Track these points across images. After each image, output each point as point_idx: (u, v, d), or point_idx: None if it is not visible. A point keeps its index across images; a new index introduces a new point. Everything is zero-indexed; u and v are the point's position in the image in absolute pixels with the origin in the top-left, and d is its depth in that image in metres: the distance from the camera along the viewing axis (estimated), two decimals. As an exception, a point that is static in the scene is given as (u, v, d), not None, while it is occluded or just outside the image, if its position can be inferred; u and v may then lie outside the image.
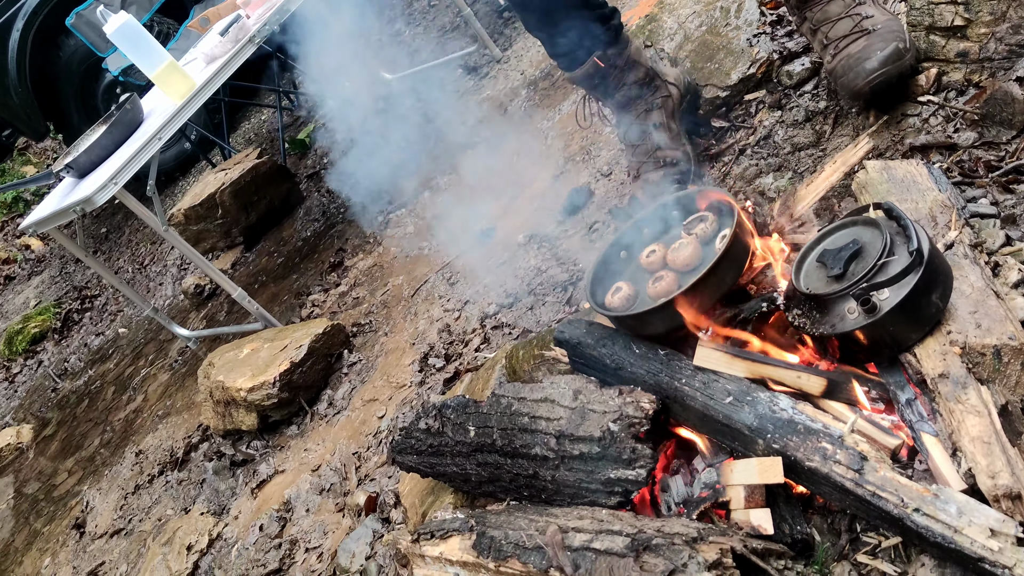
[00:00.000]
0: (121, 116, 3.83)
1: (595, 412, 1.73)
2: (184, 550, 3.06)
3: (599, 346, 1.84)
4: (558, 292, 2.88)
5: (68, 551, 3.80)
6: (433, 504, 2.21)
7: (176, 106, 3.68)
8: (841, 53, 2.30)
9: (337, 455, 2.99)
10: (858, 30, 2.27)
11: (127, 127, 3.84)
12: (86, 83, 6.60)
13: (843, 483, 1.43)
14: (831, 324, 1.62)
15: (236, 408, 3.41)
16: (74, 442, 4.82)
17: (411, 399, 2.94)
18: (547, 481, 1.81)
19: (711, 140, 2.77)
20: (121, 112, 3.84)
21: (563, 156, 3.67)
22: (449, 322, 3.21)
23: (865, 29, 2.26)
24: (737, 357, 1.66)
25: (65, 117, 6.80)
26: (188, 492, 3.50)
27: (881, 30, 2.24)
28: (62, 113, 6.79)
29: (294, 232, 5.10)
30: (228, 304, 4.88)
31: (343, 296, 4.04)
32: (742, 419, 1.58)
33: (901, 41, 2.20)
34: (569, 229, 3.18)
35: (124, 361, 5.33)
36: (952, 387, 1.48)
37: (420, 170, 4.55)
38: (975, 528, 1.32)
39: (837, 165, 2.14)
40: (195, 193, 5.41)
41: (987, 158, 2.01)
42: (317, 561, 2.63)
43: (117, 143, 3.78)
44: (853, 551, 1.53)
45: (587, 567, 1.51)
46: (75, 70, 6.47)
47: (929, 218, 1.81)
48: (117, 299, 6.31)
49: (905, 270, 1.54)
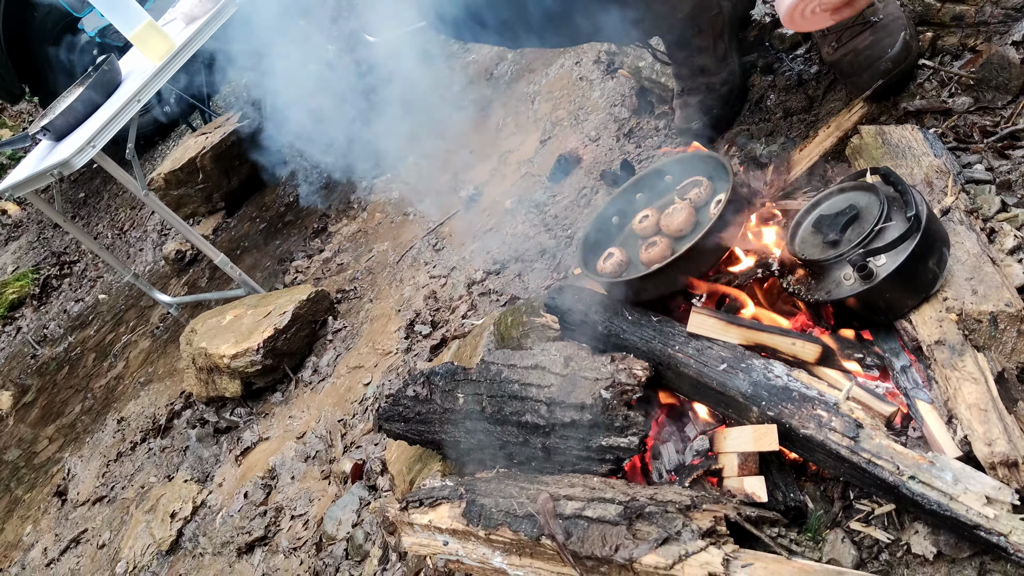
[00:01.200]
0: (99, 77, 3.74)
1: (587, 379, 1.71)
2: (168, 517, 3.04)
3: (591, 312, 1.82)
4: (546, 258, 2.85)
5: (50, 518, 3.76)
6: (421, 472, 2.19)
7: (155, 67, 3.59)
8: (846, 47, 2.20)
9: (322, 422, 2.97)
10: (861, 20, 2.18)
11: (105, 89, 3.75)
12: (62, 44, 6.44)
13: (838, 451, 1.42)
14: (826, 290, 1.60)
15: (219, 375, 3.37)
16: (55, 409, 4.77)
17: (397, 366, 2.91)
18: (537, 448, 1.79)
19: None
20: (99, 73, 3.75)
21: (550, 121, 3.62)
22: (435, 288, 3.17)
23: (868, 20, 2.17)
24: (731, 324, 1.64)
25: (41, 79, 6.65)
26: (171, 459, 3.47)
27: (885, 20, 2.14)
28: (37, 75, 6.63)
29: (276, 197, 5.03)
30: (210, 270, 4.82)
31: (327, 262, 3.99)
32: (736, 386, 1.56)
33: (906, 31, 2.11)
34: (557, 195, 3.14)
35: (105, 328, 5.26)
36: (948, 354, 1.47)
37: (405, 135, 4.49)
38: (971, 495, 1.31)
39: (831, 130, 2.11)
40: (175, 157, 5.31)
41: (982, 123, 1.98)
42: (303, 528, 2.61)
43: (95, 105, 3.70)
44: (846, 518, 1.52)
45: (579, 535, 1.50)
46: (50, 31, 6.32)
47: (925, 183, 1.79)
48: (97, 265, 6.23)
49: (902, 236, 1.52)
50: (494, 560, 1.68)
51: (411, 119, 4.56)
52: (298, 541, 2.58)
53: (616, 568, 1.45)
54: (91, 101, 3.68)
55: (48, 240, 7.23)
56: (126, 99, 3.49)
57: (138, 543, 3.04)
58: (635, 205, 1.96)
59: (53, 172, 3.41)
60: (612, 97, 3.33)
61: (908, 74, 2.18)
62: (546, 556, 1.58)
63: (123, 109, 3.48)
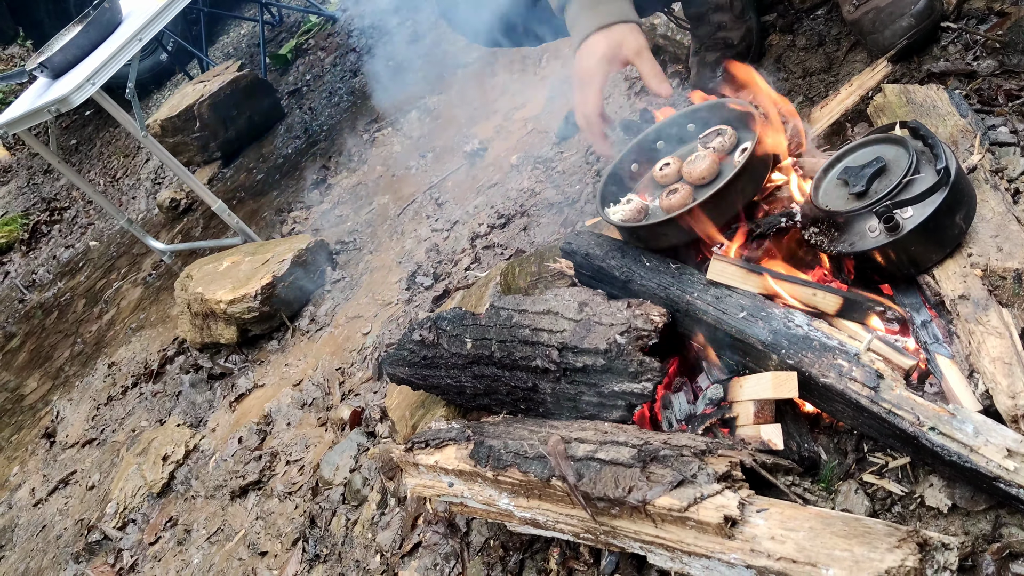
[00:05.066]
0: (98, 15, 3.67)
1: (601, 325, 1.69)
2: (160, 460, 3.02)
3: (608, 258, 1.79)
4: (553, 213, 2.82)
5: (38, 459, 3.73)
6: (424, 417, 2.17)
7: (158, 6, 3.52)
8: (867, 5, 2.18)
9: (320, 370, 2.94)
10: None
11: (105, 27, 3.69)
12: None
13: (858, 400, 1.41)
14: (850, 242, 1.58)
15: (215, 321, 3.34)
16: (43, 353, 4.73)
17: (398, 316, 2.89)
18: (546, 394, 1.77)
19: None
20: (99, 11, 3.68)
21: (558, 78, 3.58)
22: (438, 242, 3.14)
23: None
24: (752, 272, 1.62)
25: (35, 21, 6.53)
26: (163, 404, 3.44)
27: None
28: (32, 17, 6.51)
29: (274, 148, 4.98)
30: (205, 219, 4.77)
31: (326, 214, 3.95)
32: (756, 334, 1.54)
33: None
34: (564, 151, 3.11)
35: (95, 274, 5.21)
36: (972, 308, 1.45)
37: (408, 88, 4.44)
38: (991, 448, 1.30)
39: (853, 88, 2.09)
40: (172, 104, 5.24)
41: (1008, 87, 1.96)
42: (299, 474, 2.59)
43: (94, 43, 3.63)
44: (859, 470, 1.51)
45: (591, 476, 1.48)
46: (47, -29, 6.21)
47: (950, 143, 1.77)
48: (88, 211, 6.15)
49: (931, 189, 1.50)
50: (500, 502, 1.67)
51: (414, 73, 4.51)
52: (293, 486, 2.56)
53: (628, 510, 1.44)
54: (90, 39, 3.61)
55: (38, 186, 7.13)
56: (127, 38, 3.42)
57: (128, 485, 3.02)
58: (656, 154, 1.93)
59: (51, 108, 3.35)
60: (624, 55, 3.28)
61: (931, 34, 2.15)
62: (555, 498, 1.57)
63: (124, 47, 3.41)
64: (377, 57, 4.98)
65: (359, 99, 4.74)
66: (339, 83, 5.08)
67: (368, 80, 4.82)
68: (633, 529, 1.45)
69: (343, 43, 5.42)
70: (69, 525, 3.17)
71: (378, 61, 4.94)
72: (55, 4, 6.37)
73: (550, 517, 1.59)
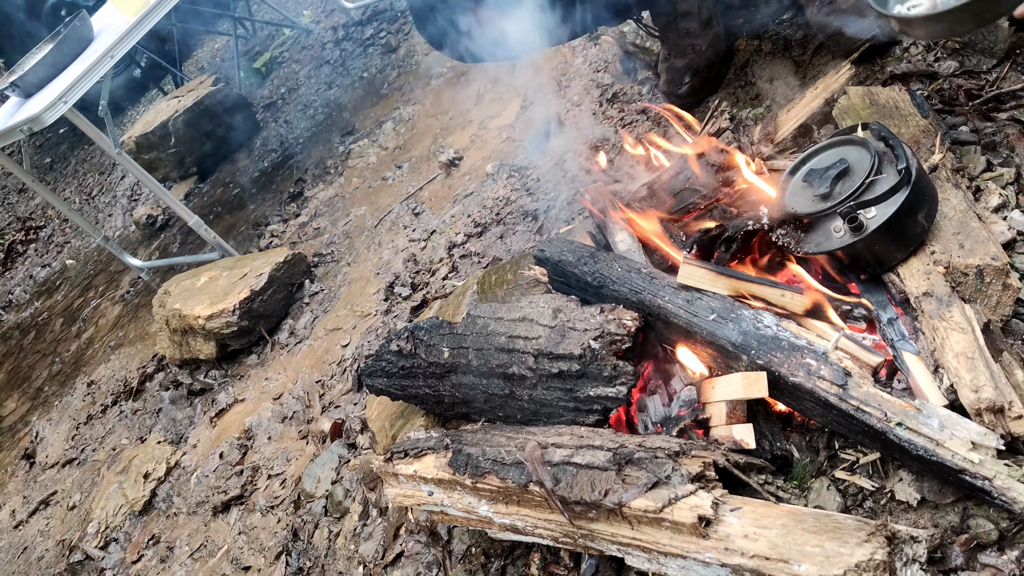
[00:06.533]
0: (70, 33, 3.66)
1: (575, 330, 1.71)
2: (141, 478, 3.01)
3: (580, 264, 1.81)
4: (528, 221, 2.84)
5: (17, 481, 3.71)
6: (403, 428, 2.18)
7: (130, 23, 3.52)
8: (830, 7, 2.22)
9: (300, 383, 2.94)
10: None
11: (76, 44, 3.67)
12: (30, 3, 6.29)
13: (827, 398, 1.43)
14: (816, 243, 1.61)
15: (194, 337, 3.34)
16: (21, 374, 4.69)
17: (376, 327, 2.89)
18: (524, 401, 1.79)
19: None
20: (70, 29, 3.67)
21: (532, 87, 3.60)
22: (415, 252, 3.16)
23: None
24: (721, 275, 1.64)
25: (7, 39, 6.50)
26: (143, 422, 3.43)
27: None
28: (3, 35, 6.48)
29: (251, 162, 4.97)
30: (182, 235, 4.75)
31: (303, 227, 3.95)
32: (726, 335, 1.57)
33: None
34: (539, 159, 3.13)
35: (73, 293, 5.18)
36: (936, 305, 1.48)
37: (381, 100, 4.45)
38: (956, 441, 1.33)
39: (818, 91, 2.12)
40: (147, 120, 5.22)
41: (968, 86, 2.00)
42: (280, 487, 2.59)
43: (66, 61, 3.62)
44: (831, 467, 1.54)
45: (568, 481, 1.50)
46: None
47: (912, 143, 1.80)
48: (64, 230, 6.12)
49: (893, 188, 1.53)
50: (480, 509, 1.68)
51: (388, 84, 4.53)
52: (276, 499, 2.56)
53: (605, 513, 1.46)
54: (62, 57, 3.60)
55: (12, 205, 7.09)
56: (99, 55, 3.42)
57: (110, 504, 3.01)
58: None
59: (23, 128, 3.34)
60: (595, 63, 3.32)
61: (893, 36, 2.19)
62: (534, 503, 1.58)
63: (96, 65, 3.41)
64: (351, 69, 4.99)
65: (334, 111, 4.75)
66: (314, 95, 5.09)
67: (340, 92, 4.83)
68: (610, 532, 1.47)
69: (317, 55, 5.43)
70: (51, 546, 3.15)
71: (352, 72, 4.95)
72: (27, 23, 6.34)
73: (529, 522, 1.61)
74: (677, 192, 1.85)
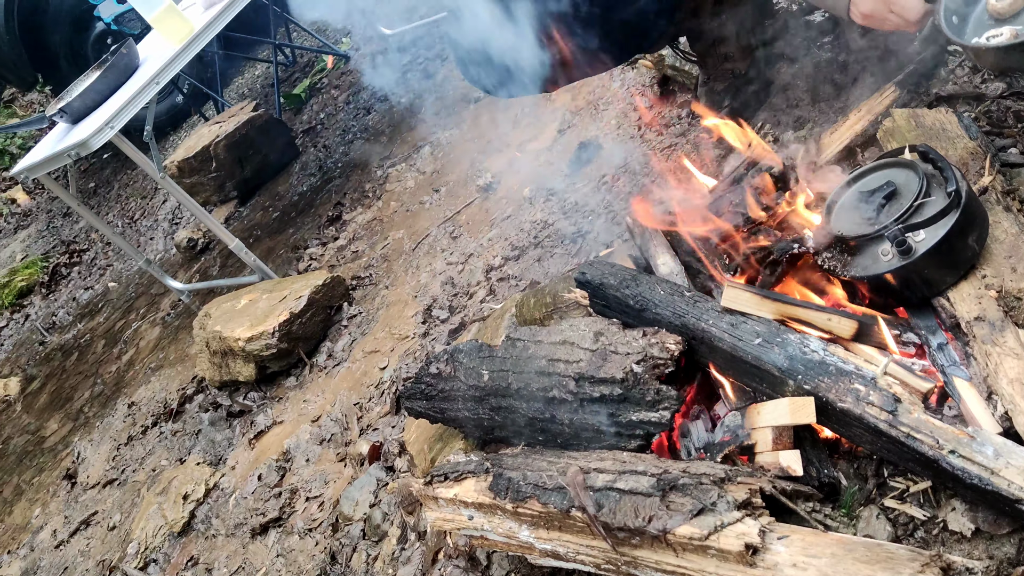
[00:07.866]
0: (116, 60, 3.74)
1: (617, 354, 1.70)
2: (180, 499, 3.02)
3: (622, 287, 1.80)
4: (566, 244, 2.83)
5: (59, 501, 3.75)
6: (442, 451, 2.17)
7: (175, 50, 3.59)
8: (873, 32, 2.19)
9: (338, 406, 2.95)
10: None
11: (123, 72, 3.75)
12: (76, 32, 6.43)
13: (876, 424, 1.40)
14: (863, 267, 1.58)
15: (233, 359, 3.36)
16: (63, 395, 4.76)
17: (415, 350, 2.90)
18: (564, 425, 1.78)
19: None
20: (116, 56, 3.75)
21: (569, 110, 3.61)
22: (453, 275, 3.16)
23: None
24: (766, 298, 1.62)
25: (54, 68, 6.62)
26: (183, 443, 3.46)
27: None
28: (51, 64, 6.61)
29: (290, 187, 5.02)
30: (222, 258, 4.81)
31: (342, 250, 3.98)
32: (772, 360, 1.54)
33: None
34: (577, 183, 3.13)
35: (114, 315, 5.25)
36: (988, 330, 1.45)
37: (420, 125, 4.48)
38: (1012, 470, 1.29)
39: (862, 113, 2.10)
40: (188, 146, 5.31)
41: (1016, 108, 1.97)
42: (318, 510, 2.60)
43: (112, 88, 3.69)
44: (880, 495, 1.50)
45: (611, 506, 1.48)
46: (65, 18, 6.31)
47: (960, 165, 1.77)
48: (107, 253, 6.22)
49: (942, 211, 1.51)
50: (521, 534, 1.66)
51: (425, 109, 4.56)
52: (314, 522, 2.56)
53: (648, 540, 1.44)
54: (109, 84, 3.67)
55: (58, 229, 7.22)
56: (145, 81, 3.48)
57: (150, 525, 3.03)
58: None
59: (70, 153, 3.41)
60: (633, 87, 3.32)
61: (938, 58, 2.17)
62: (575, 529, 1.57)
63: (141, 91, 3.48)
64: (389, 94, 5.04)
65: (372, 136, 4.80)
66: (352, 121, 5.14)
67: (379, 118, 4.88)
68: (654, 559, 1.45)
69: (356, 82, 5.49)
70: (91, 566, 3.17)
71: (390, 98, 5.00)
72: (73, 51, 6.47)
73: (571, 548, 1.59)
74: (721, 214, 1.84)
